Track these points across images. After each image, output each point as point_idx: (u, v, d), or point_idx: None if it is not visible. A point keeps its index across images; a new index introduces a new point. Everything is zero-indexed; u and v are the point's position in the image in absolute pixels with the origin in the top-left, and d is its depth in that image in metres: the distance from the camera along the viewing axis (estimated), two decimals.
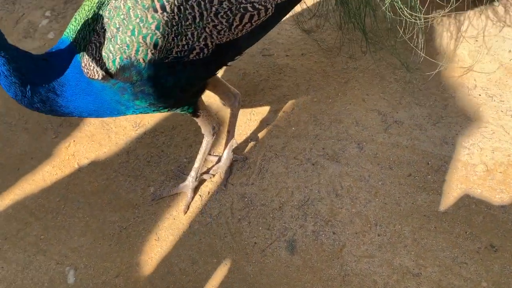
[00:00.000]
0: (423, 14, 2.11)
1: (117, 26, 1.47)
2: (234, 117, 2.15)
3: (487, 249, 1.82)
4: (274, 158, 2.17)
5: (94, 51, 1.51)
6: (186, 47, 1.53)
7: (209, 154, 2.26)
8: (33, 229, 2.13)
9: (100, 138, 2.40)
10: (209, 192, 2.14)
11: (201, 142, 2.33)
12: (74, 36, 1.56)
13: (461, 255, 1.81)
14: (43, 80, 1.52)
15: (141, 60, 1.50)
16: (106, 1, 1.52)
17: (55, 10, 3.03)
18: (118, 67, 1.50)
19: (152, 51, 1.49)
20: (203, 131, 2.01)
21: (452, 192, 1.97)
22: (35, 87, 1.52)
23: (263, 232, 1.96)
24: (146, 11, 1.46)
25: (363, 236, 1.90)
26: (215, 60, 1.64)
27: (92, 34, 1.51)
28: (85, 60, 1.53)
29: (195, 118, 1.90)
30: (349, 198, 2.00)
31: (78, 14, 1.60)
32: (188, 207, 2.08)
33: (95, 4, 1.55)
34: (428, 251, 1.84)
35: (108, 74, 1.52)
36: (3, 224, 2.15)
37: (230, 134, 2.15)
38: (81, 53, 1.54)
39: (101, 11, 1.51)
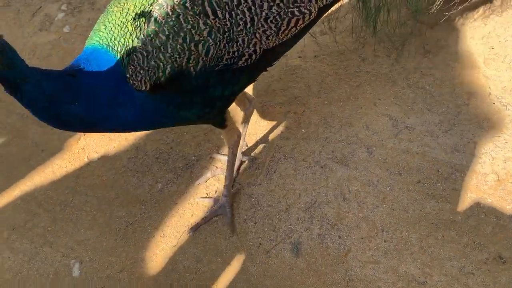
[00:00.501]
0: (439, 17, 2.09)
1: (167, 33, 1.39)
2: (246, 121, 2.15)
3: (495, 260, 1.79)
4: (283, 160, 2.16)
5: (142, 61, 1.41)
6: (236, 53, 1.49)
7: (218, 153, 2.26)
8: (41, 221, 2.15)
9: (110, 133, 2.41)
10: (216, 191, 2.14)
11: (209, 141, 2.35)
12: (109, 44, 1.45)
13: (469, 265, 1.79)
14: (76, 98, 1.40)
15: (191, 69, 1.44)
16: (147, 8, 1.43)
17: (71, 4, 3.05)
18: (168, 76, 1.42)
19: (204, 59, 1.44)
20: (227, 142, 1.94)
21: (461, 201, 1.94)
22: (68, 107, 1.39)
23: (268, 233, 1.96)
24: (197, 17, 1.40)
25: (369, 241, 1.88)
26: (259, 66, 1.62)
27: (136, 43, 1.41)
28: (130, 71, 1.43)
29: (221, 129, 1.84)
30: (356, 202, 1.98)
31: (108, 21, 1.48)
32: (232, 227, 1.97)
33: (131, 11, 1.45)
34: (435, 259, 1.81)
35: (156, 85, 1.43)
36: (12, 214, 2.18)
37: (242, 138, 2.13)
38: (124, 63, 1.43)
39: (143, 18, 1.42)
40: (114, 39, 1.43)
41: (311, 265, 1.85)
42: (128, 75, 1.43)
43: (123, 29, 1.43)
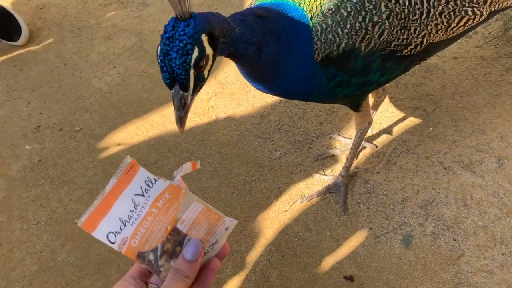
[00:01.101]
0: None
1: (349, 10, 1.42)
2: (375, 108, 2.18)
3: None
4: (405, 154, 2.16)
5: (320, 32, 1.42)
6: (404, 41, 1.51)
7: (339, 135, 2.32)
8: (168, 162, 2.37)
9: (239, 97, 2.57)
10: (332, 170, 2.21)
11: (331, 122, 2.41)
12: (304, 7, 1.44)
13: None
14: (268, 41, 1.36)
15: (362, 49, 1.46)
16: None
17: None
18: (341, 52, 1.44)
19: (376, 41, 1.46)
20: (358, 125, 1.97)
21: None
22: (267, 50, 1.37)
23: (380, 220, 1.99)
24: None
25: (485, 250, 1.83)
26: (418, 58, 1.64)
27: (318, 14, 1.42)
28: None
29: (355, 112, 1.86)
30: (477, 210, 1.94)
31: None
32: (345, 207, 2.03)
33: None
34: None
35: (327, 58, 1.45)
36: (146, 152, 2.42)
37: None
38: (312, 30, 1.43)
39: None
40: (307, 5, 1.44)
41: (420, 259, 1.85)
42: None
43: None
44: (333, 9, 1.43)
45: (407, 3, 1.47)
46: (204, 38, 1.12)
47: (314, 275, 1.89)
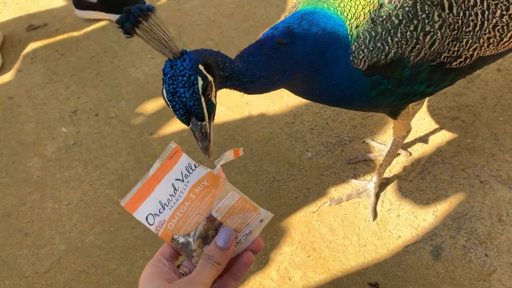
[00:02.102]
0: None
1: (400, 18, 1.39)
2: (411, 116, 2.13)
3: None
4: (440, 164, 2.11)
5: (368, 40, 1.40)
6: (455, 53, 1.47)
7: (373, 140, 2.28)
8: (200, 155, 2.33)
9: (273, 95, 2.56)
10: (363, 175, 2.18)
11: (365, 126, 2.38)
12: (336, 8, 1.43)
13: None
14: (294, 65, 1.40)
15: (411, 58, 1.43)
16: None
17: None
18: (389, 61, 1.42)
19: (426, 51, 1.43)
20: (396, 133, 1.92)
21: None
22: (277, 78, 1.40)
23: (409, 230, 1.95)
24: (434, 7, 1.40)
25: None
26: (465, 72, 1.60)
27: (366, 20, 1.40)
28: (354, 47, 1.41)
29: (394, 120, 1.81)
30: None
31: None
32: (374, 214, 2.00)
33: None
34: None
35: (373, 66, 1.43)
36: (178, 143, 2.44)
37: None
38: (353, 37, 1.41)
39: None
40: (347, 10, 1.42)
41: (449, 272, 1.80)
42: (351, 50, 1.42)
43: (358, 4, 1.41)
44: (384, 17, 1.40)
45: (461, 14, 1.43)
46: (201, 67, 1.16)
47: (338, 279, 1.87)
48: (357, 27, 1.41)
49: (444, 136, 2.21)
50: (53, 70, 2.99)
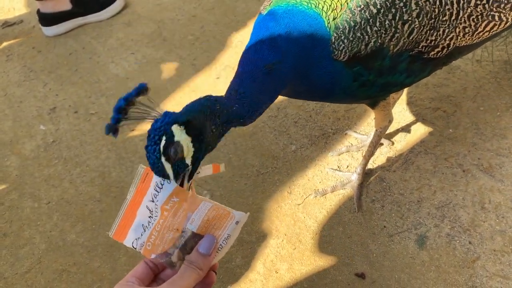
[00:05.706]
0: None
1: (378, 7, 1.39)
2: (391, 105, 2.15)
3: None
4: (423, 154, 2.13)
5: (347, 30, 1.39)
6: (432, 43, 1.49)
7: (355, 132, 2.29)
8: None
9: None
10: (347, 166, 2.18)
11: (348, 118, 2.38)
12: (314, 6, 1.41)
13: None
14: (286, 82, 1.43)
15: (391, 47, 1.43)
16: None
17: None
18: (369, 51, 1.42)
19: (405, 40, 1.43)
20: (377, 124, 1.92)
21: None
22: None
23: (394, 219, 1.95)
24: None
25: (501, 255, 1.79)
26: (442, 62, 1.62)
27: (345, 11, 1.39)
28: (333, 38, 1.40)
29: (375, 110, 1.83)
30: (495, 214, 1.90)
31: None
32: (359, 204, 1.99)
33: None
34: None
35: (354, 57, 1.43)
36: None
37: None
38: (331, 29, 1.40)
39: None
40: (325, 3, 1.40)
41: (433, 260, 1.82)
42: (330, 42, 1.41)
43: None
44: (362, 6, 1.40)
45: (437, 3, 1.45)
46: (176, 128, 1.11)
47: (324, 270, 1.86)
48: (334, 18, 1.40)
49: (426, 126, 2.22)
50: (30, 68, 2.92)
